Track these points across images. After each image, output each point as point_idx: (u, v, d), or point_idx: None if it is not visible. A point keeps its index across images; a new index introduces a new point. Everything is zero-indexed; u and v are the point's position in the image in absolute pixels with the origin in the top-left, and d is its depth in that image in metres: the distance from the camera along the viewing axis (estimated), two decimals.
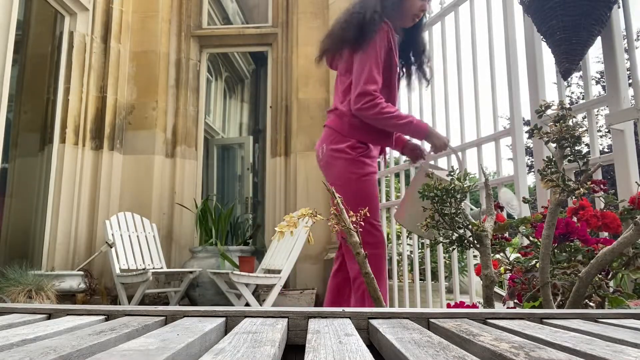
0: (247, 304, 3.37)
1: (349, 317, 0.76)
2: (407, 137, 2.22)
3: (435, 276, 3.19)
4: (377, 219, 1.98)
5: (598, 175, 1.79)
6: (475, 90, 2.52)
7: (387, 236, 4.48)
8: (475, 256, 2.59)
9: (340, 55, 2.08)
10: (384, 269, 1.96)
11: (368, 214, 1.21)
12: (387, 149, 2.34)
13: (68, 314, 0.80)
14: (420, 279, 3.80)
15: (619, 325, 0.72)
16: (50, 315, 0.81)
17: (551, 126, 1.15)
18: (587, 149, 2.32)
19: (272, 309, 0.78)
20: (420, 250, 4.53)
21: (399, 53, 2.08)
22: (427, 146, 2.14)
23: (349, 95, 1.99)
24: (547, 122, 1.25)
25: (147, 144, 4.51)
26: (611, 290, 1.26)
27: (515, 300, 1.38)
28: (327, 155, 2.04)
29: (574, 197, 1.11)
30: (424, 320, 0.76)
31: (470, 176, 1.27)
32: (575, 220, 1.38)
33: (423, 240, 4.21)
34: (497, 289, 1.78)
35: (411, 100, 3.05)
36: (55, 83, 4.17)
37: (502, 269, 1.46)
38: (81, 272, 3.71)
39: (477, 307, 1.27)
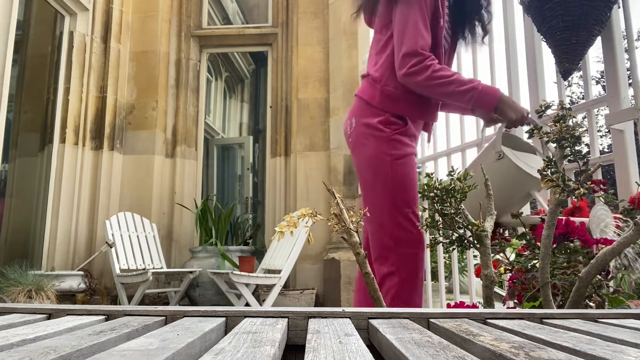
0: (247, 304, 3.37)
1: (349, 317, 0.76)
2: None
3: (435, 276, 3.19)
4: (415, 210, 1.63)
5: (598, 175, 1.79)
6: None
7: None
8: (475, 256, 2.59)
9: (376, 10, 1.73)
10: (420, 271, 1.62)
11: (365, 211, 1.19)
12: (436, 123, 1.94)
13: (68, 314, 0.80)
14: None
15: (619, 325, 0.72)
16: (50, 315, 0.81)
17: (551, 126, 1.15)
18: (587, 149, 2.32)
19: (272, 309, 0.78)
20: None
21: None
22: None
23: (383, 57, 1.65)
24: (547, 122, 1.25)
25: (147, 144, 4.51)
26: (611, 290, 1.26)
27: (515, 301, 1.38)
28: (356, 131, 1.70)
29: (574, 197, 1.11)
30: (424, 320, 0.76)
31: (470, 176, 1.26)
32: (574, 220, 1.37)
33: None
34: (497, 289, 1.77)
35: None
36: (55, 83, 4.17)
37: (502, 269, 1.46)
38: (81, 272, 3.71)
39: (477, 307, 1.27)
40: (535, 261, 1.35)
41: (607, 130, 8.20)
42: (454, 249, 1.29)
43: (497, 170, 1.54)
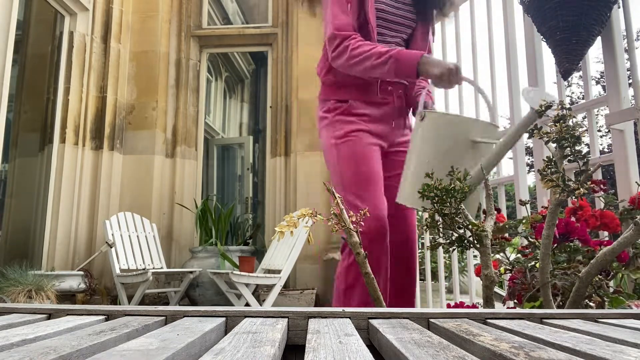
0: (247, 304, 3.37)
1: (349, 317, 0.76)
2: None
3: (435, 276, 3.19)
4: (362, 191, 1.53)
5: (598, 175, 1.79)
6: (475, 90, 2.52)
7: None
8: (475, 256, 2.59)
9: None
10: (372, 259, 1.48)
11: (366, 211, 1.19)
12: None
13: (68, 314, 0.80)
14: (420, 279, 3.80)
15: (619, 325, 0.72)
16: (50, 315, 0.81)
17: (551, 126, 1.15)
18: (587, 149, 2.32)
19: (272, 309, 0.78)
20: (420, 251, 4.53)
21: None
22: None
23: (322, 54, 1.74)
24: (547, 122, 1.25)
25: (147, 144, 4.51)
26: (611, 290, 1.26)
27: (515, 301, 1.38)
28: (319, 129, 1.75)
29: (573, 197, 1.11)
30: (424, 320, 0.76)
31: (470, 176, 1.27)
32: (574, 220, 1.38)
33: (423, 240, 4.21)
34: (497, 289, 1.76)
35: None
36: (55, 83, 4.17)
37: (502, 269, 1.46)
38: (81, 272, 3.71)
39: (477, 307, 1.27)
40: (535, 261, 1.35)
41: (607, 130, 8.20)
42: (454, 250, 1.29)
43: (427, 134, 1.43)
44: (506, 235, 1.52)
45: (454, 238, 1.25)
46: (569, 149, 1.12)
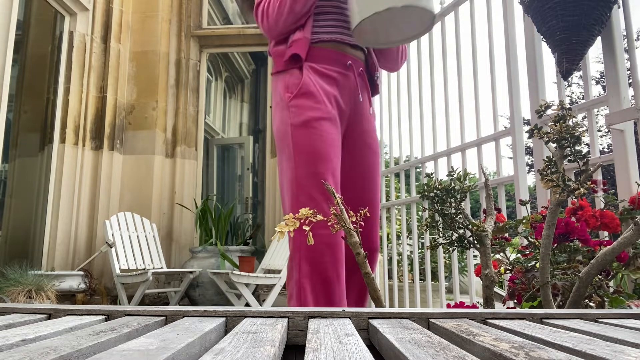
0: (247, 304, 3.37)
1: (349, 317, 0.76)
2: None
3: (435, 276, 3.19)
4: (324, 188, 1.31)
5: (598, 175, 1.79)
6: (475, 90, 2.52)
7: (387, 236, 4.47)
8: (475, 256, 2.59)
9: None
10: (327, 264, 1.36)
11: (366, 211, 1.18)
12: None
13: (68, 314, 0.80)
14: (420, 279, 3.80)
15: (619, 325, 0.72)
16: (50, 315, 0.81)
17: (551, 126, 1.15)
18: (587, 149, 2.32)
19: (272, 309, 0.78)
20: (420, 251, 4.54)
21: None
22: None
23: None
24: (547, 122, 1.25)
25: (147, 144, 4.51)
26: (611, 290, 1.26)
27: (515, 301, 1.38)
28: (272, 110, 1.61)
29: (573, 197, 1.11)
30: (424, 320, 0.76)
31: (471, 176, 1.27)
32: (574, 220, 1.38)
33: (423, 241, 4.21)
34: (497, 289, 1.76)
35: (411, 100, 3.05)
36: (55, 83, 4.17)
37: (502, 269, 1.46)
38: (81, 272, 3.71)
39: (477, 307, 1.27)
40: (535, 261, 1.35)
41: (607, 130, 8.20)
42: (454, 250, 1.29)
43: None
44: (506, 235, 1.52)
45: (454, 238, 1.25)
46: (569, 149, 1.12)
